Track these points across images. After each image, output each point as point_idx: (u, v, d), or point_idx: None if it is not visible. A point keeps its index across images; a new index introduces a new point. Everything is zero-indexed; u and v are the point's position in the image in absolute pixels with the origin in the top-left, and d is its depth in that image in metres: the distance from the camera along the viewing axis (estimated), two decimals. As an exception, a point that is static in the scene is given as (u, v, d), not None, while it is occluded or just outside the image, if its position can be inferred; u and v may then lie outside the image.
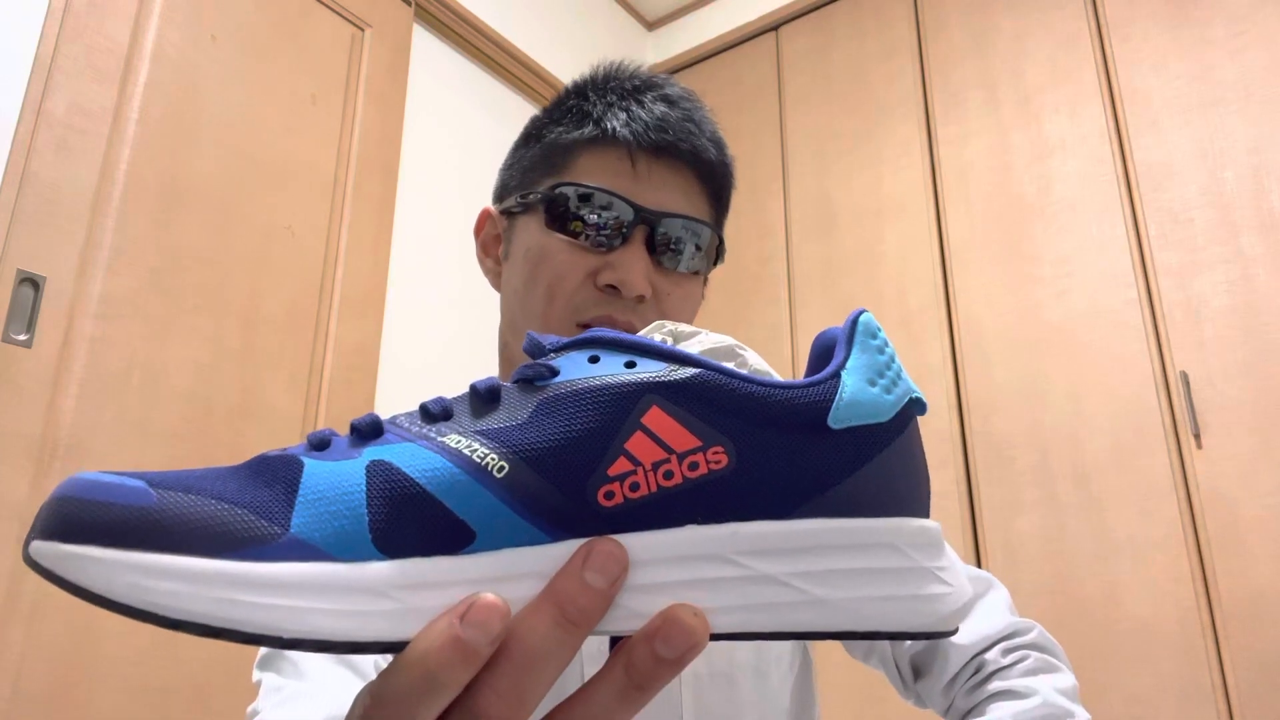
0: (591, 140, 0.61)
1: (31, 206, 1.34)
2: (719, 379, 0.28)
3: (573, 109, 0.64)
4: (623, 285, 0.58)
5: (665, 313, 0.61)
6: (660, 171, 0.61)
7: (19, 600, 1.24)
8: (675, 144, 0.60)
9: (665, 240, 0.60)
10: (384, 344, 1.85)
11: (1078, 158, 1.96)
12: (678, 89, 0.64)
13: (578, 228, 0.59)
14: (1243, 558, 1.59)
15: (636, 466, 0.26)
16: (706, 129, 0.64)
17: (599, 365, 0.28)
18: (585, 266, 0.59)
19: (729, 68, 2.68)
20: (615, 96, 0.62)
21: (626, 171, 0.60)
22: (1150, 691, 1.61)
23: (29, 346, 1.30)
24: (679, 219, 0.60)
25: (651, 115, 0.61)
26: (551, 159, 0.63)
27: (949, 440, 1.96)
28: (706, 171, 0.63)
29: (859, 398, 0.29)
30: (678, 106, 0.63)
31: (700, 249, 0.62)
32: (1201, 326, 1.73)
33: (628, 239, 0.59)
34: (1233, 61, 1.82)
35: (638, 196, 0.60)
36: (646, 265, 0.59)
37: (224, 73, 1.65)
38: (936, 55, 2.23)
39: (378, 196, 1.90)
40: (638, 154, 0.60)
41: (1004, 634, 0.64)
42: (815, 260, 2.30)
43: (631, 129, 0.60)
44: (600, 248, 0.59)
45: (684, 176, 0.62)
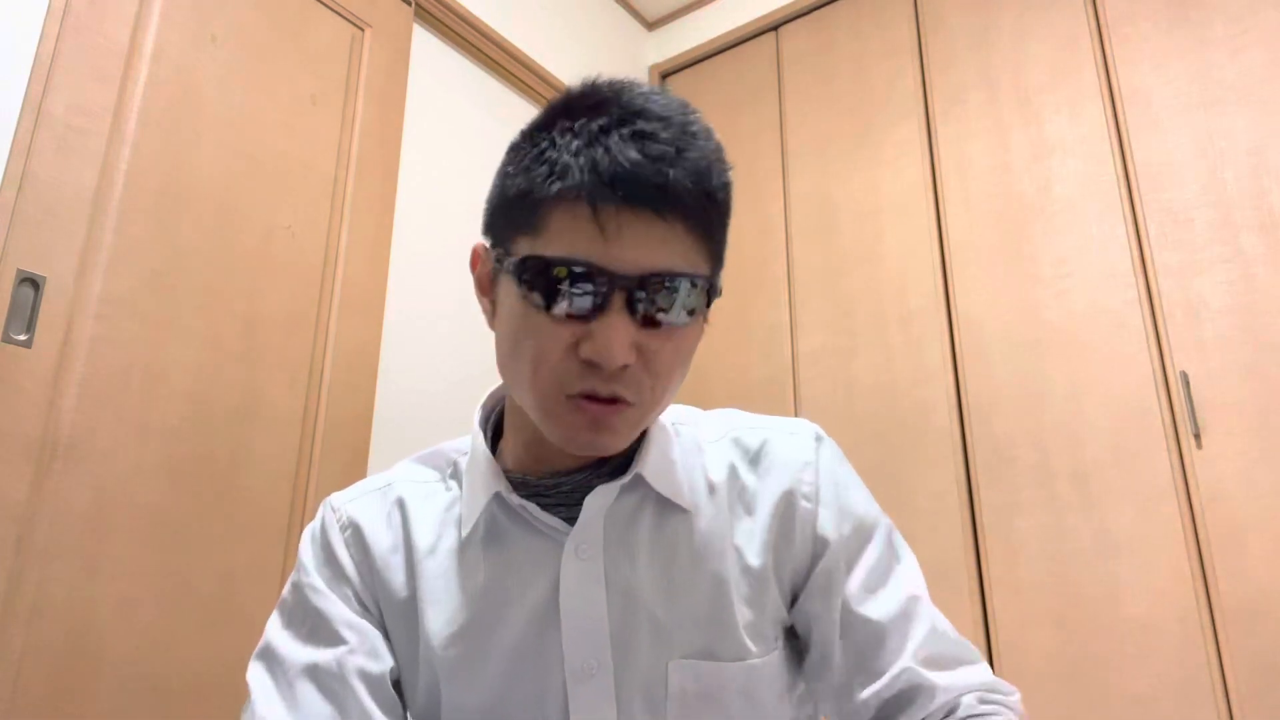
0: (558, 197, 0.55)
1: (31, 206, 1.34)
2: None
3: (539, 156, 0.57)
4: (601, 360, 0.54)
5: (655, 372, 0.58)
6: (634, 226, 0.54)
7: (19, 600, 1.24)
8: (648, 195, 0.54)
9: (647, 302, 0.55)
10: (384, 344, 1.85)
11: (1078, 158, 1.96)
12: (656, 118, 0.56)
13: (552, 300, 0.55)
14: (1243, 558, 1.59)
15: None
16: (689, 161, 0.56)
17: None
18: (566, 338, 0.55)
19: (729, 68, 2.68)
20: (581, 142, 0.55)
21: (596, 236, 0.54)
22: (1150, 691, 1.61)
23: (29, 346, 1.30)
24: (661, 278, 0.55)
25: (618, 164, 0.53)
26: (521, 215, 0.58)
27: (949, 440, 1.96)
28: (688, 215, 0.56)
29: None
30: (654, 142, 0.55)
31: (691, 302, 0.57)
32: (1201, 326, 1.73)
33: (605, 307, 0.54)
34: (1233, 61, 1.82)
35: (610, 260, 0.54)
36: (626, 332, 0.55)
37: (224, 73, 1.65)
38: (936, 55, 2.23)
39: (378, 196, 1.90)
40: (604, 211, 0.54)
41: (985, 687, 0.64)
42: (815, 260, 2.30)
43: (596, 183, 0.54)
44: (579, 318, 0.55)
45: (661, 227, 0.55)
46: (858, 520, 0.68)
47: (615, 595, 0.62)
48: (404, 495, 0.69)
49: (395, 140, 1.97)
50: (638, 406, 0.58)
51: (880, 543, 0.69)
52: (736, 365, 2.34)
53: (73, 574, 1.29)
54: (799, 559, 0.66)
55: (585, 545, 0.63)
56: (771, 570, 0.65)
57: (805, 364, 2.23)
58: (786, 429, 0.71)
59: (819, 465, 0.69)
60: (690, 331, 0.59)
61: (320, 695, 0.60)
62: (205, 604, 1.44)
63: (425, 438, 1.81)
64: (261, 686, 0.62)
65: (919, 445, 2.00)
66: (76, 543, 1.31)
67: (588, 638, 0.61)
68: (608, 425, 0.58)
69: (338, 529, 0.68)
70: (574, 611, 0.61)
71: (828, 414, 2.15)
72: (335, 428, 1.69)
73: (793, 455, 0.69)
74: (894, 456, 2.02)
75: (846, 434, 2.10)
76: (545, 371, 0.57)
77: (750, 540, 0.66)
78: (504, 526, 0.65)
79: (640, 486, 0.65)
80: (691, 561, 0.64)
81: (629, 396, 0.57)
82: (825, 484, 0.68)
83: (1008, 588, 1.81)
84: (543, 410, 0.59)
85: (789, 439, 0.70)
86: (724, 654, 0.62)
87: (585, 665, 0.61)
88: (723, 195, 0.59)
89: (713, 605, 0.63)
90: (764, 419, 0.73)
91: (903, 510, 1.97)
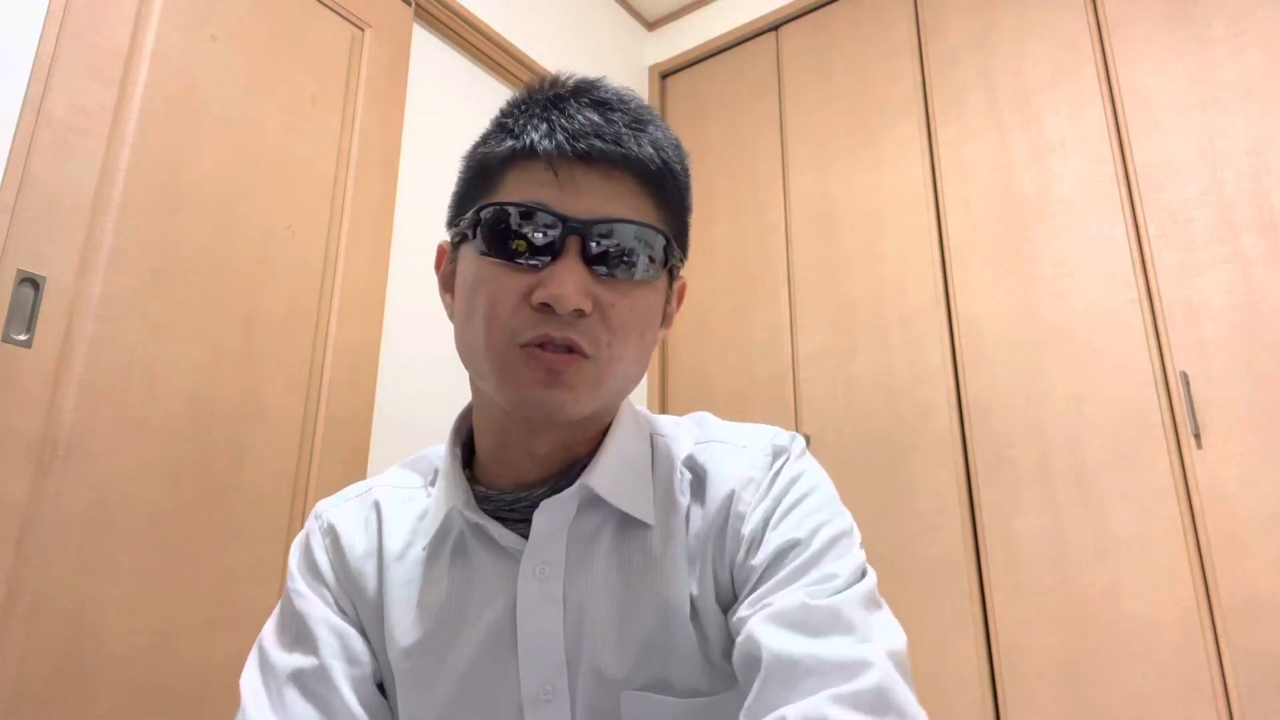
0: (513, 155, 0.58)
1: (31, 206, 1.34)
2: None
3: (499, 127, 0.61)
4: (554, 301, 0.54)
5: (612, 326, 0.57)
6: (589, 178, 0.57)
7: (19, 600, 1.24)
8: (601, 149, 0.56)
9: (601, 248, 0.56)
10: (384, 344, 1.85)
11: (1078, 158, 1.96)
12: (614, 92, 0.60)
13: (509, 248, 0.56)
14: (1243, 557, 1.59)
15: None
16: (650, 133, 0.59)
17: None
18: (519, 288, 0.56)
19: (729, 68, 2.68)
20: (538, 108, 0.59)
21: (550, 181, 0.56)
22: (1150, 691, 1.61)
23: (29, 346, 1.30)
24: (615, 224, 0.56)
25: (574, 123, 0.57)
26: (480, 181, 0.60)
27: (949, 440, 1.96)
28: (643, 174, 0.58)
29: None
30: (612, 109, 0.58)
31: (647, 253, 0.58)
32: (1201, 326, 1.73)
33: (560, 253, 0.55)
34: (1233, 61, 1.82)
35: (565, 206, 0.56)
36: (582, 278, 0.55)
37: (224, 73, 1.65)
38: (936, 55, 2.23)
39: (378, 196, 1.90)
40: (559, 163, 0.56)
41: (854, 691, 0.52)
42: (815, 260, 2.30)
43: (553, 139, 0.56)
44: (535, 266, 0.56)
45: (618, 182, 0.57)
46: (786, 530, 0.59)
47: (572, 617, 0.59)
48: (381, 499, 0.69)
49: (395, 140, 1.97)
50: (594, 361, 0.57)
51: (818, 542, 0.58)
52: (736, 365, 2.34)
53: (73, 574, 1.29)
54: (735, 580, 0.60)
55: (545, 565, 0.60)
56: (713, 597, 0.60)
57: (805, 364, 2.23)
58: (741, 441, 0.65)
59: (768, 484, 0.62)
60: (647, 295, 0.59)
61: (306, 700, 0.60)
62: (205, 604, 1.44)
63: (425, 438, 1.81)
64: (253, 692, 0.63)
65: (919, 445, 2.00)
66: (76, 543, 1.31)
67: (543, 662, 0.59)
68: (563, 380, 0.56)
69: (319, 535, 0.68)
70: (530, 634, 0.59)
71: (828, 414, 2.15)
72: (335, 428, 1.69)
73: (737, 472, 0.63)
74: (894, 456, 2.02)
75: (846, 434, 2.10)
76: (498, 324, 0.56)
77: (694, 570, 0.61)
78: (469, 541, 0.63)
79: (600, 504, 0.62)
80: (645, 581, 0.60)
81: (585, 346, 0.56)
82: (766, 505, 0.61)
83: (1008, 588, 1.81)
84: (497, 367, 0.57)
85: (738, 454, 0.64)
86: (677, 688, 0.59)
87: (541, 690, 0.58)
88: (680, 172, 0.61)
89: (662, 631, 0.59)
90: (726, 430, 0.68)
91: (903, 510, 1.97)
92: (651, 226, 0.58)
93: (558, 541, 0.61)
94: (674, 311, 0.67)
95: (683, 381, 2.44)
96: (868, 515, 1.95)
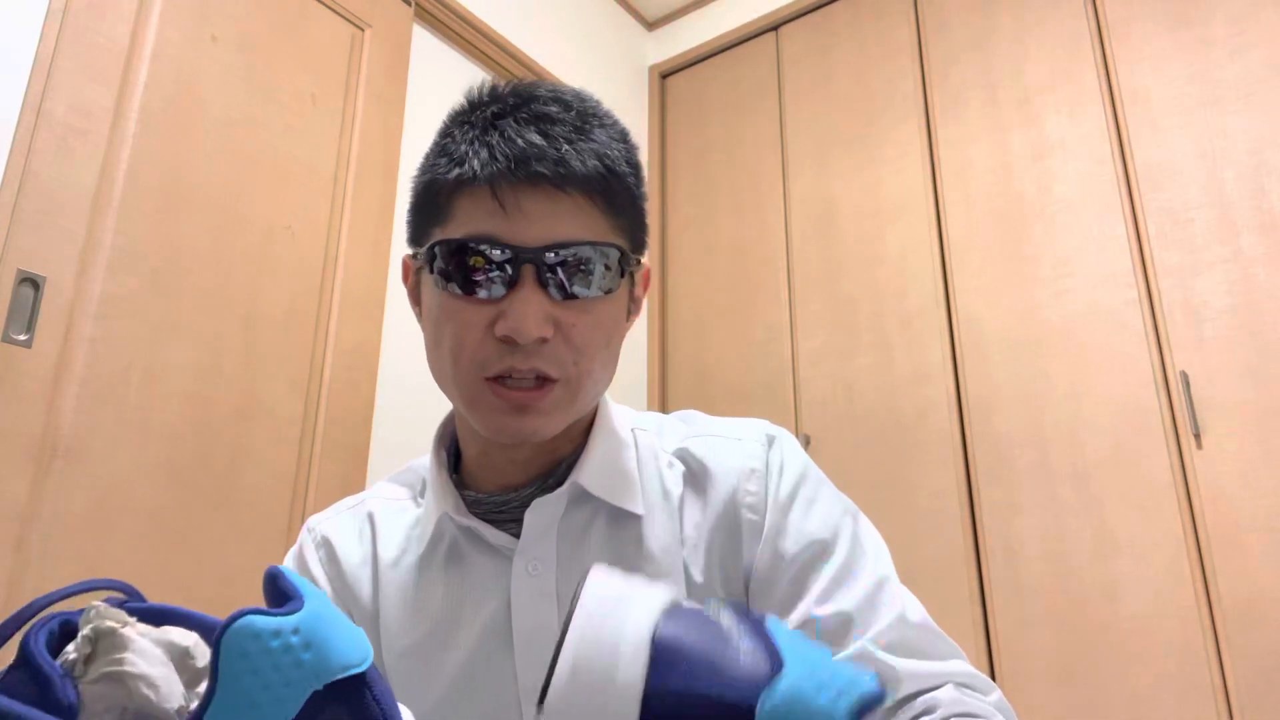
0: (458, 184, 0.57)
1: (31, 206, 1.34)
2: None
3: (442, 150, 0.60)
4: (516, 334, 0.55)
5: (575, 345, 0.57)
6: (534, 202, 0.56)
7: (19, 600, 1.23)
8: (543, 172, 0.56)
9: (556, 273, 0.56)
10: (384, 344, 1.85)
11: (1078, 158, 1.96)
12: (554, 98, 0.59)
13: (465, 282, 0.56)
14: (1243, 558, 1.59)
15: None
16: (596, 138, 0.58)
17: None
18: (482, 320, 0.56)
19: (729, 68, 2.68)
20: (478, 130, 0.58)
21: (498, 211, 0.56)
22: (1150, 691, 1.61)
23: (29, 346, 1.30)
24: (566, 247, 0.56)
25: (514, 146, 0.56)
26: (431, 208, 0.60)
27: (949, 440, 1.96)
28: (589, 188, 0.57)
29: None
30: (554, 123, 0.57)
31: (601, 269, 0.58)
32: (1201, 326, 1.73)
33: (515, 283, 0.55)
34: (1233, 61, 1.82)
35: (515, 235, 0.56)
36: (540, 306, 0.55)
37: (224, 73, 1.65)
38: (936, 55, 2.23)
39: (378, 196, 1.90)
40: (503, 191, 0.56)
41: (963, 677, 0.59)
42: (815, 260, 2.30)
43: (494, 167, 0.56)
44: (492, 297, 0.56)
45: (566, 200, 0.57)
46: (815, 526, 0.63)
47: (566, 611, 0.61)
48: (374, 510, 0.70)
49: (395, 140, 1.97)
50: (563, 383, 0.58)
51: (843, 548, 0.63)
52: (736, 365, 2.34)
53: (73, 574, 1.29)
54: (752, 577, 0.62)
55: (536, 561, 0.61)
56: (720, 586, 0.62)
57: (805, 364, 2.23)
58: (734, 434, 0.67)
59: (767, 474, 0.64)
60: (607, 306, 0.60)
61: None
62: (205, 604, 1.44)
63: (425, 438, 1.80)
64: None
65: (919, 445, 2.00)
66: (76, 543, 1.31)
67: (540, 656, 0.59)
68: (533, 407, 0.57)
69: (313, 547, 0.69)
70: (525, 630, 0.60)
71: (828, 414, 2.15)
72: (335, 428, 1.69)
73: (736, 463, 0.64)
74: (894, 456, 2.02)
75: (846, 434, 2.10)
76: (465, 357, 0.57)
77: (695, 557, 0.62)
78: (461, 545, 0.64)
79: (589, 499, 0.63)
80: (642, 570, 0.61)
81: (551, 371, 0.57)
82: (773, 494, 0.63)
83: (1008, 588, 1.81)
84: (466, 399, 0.59)
85: (734, 446, 0.66)
86: None
87: (538, 684, 0.59)
88: (629, 174, 0.61)
89: None
90: (717, 424, 0.69)
91: (903, 510, 1.97)
92: (603, 243, 0.58)
93: (549, 538, 0.62)
94: (640, 297, 0.67)
95: (683, 381, 2.44)
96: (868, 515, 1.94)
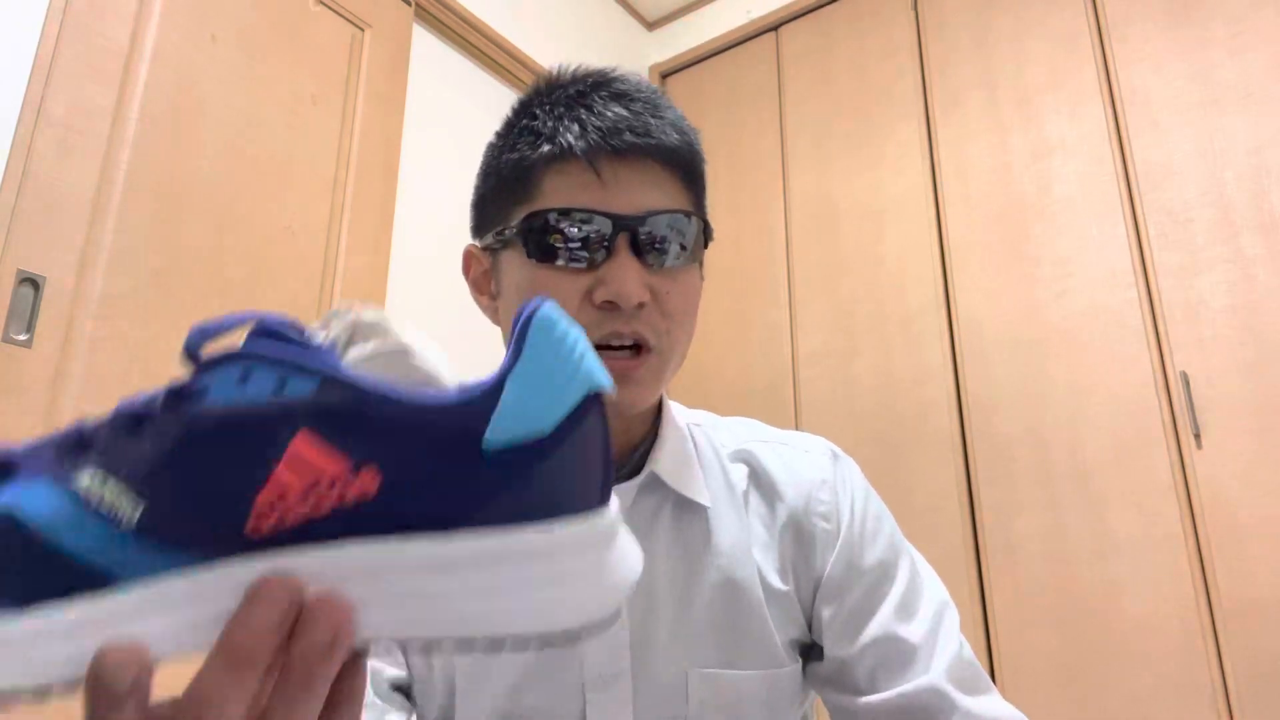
0: (550, 159, 0.59)
1: (31, 206, 1.34)
2: (369, 401, 0.27)
3: (525, 130, 0.61)
4: (619, 299, 0.57)
5: (669, 311, 0.60)
6: (627, 173, 0.59)
7: (19, 600, 1.24)
8: (636, 143, 0.58)
9: (650, 240, 0.58)
10: (384, 344, 1.85)
11: (1078, 158, 1.96)
12: (630, 81, 0.62)
13: (561, 252, 0.58)
14: (1242, 557, 1.59)
15: (284, 495, 0.26)
16: (668, 116, 0.61)
17: (249, 386, 0.27)
18: (579, 289, 0.58)
19: (729, 68, 2.68)
20: (563, 108, 0.60)
21: (594, 183, 0.58)
22: (1150, 691, 1.61)
23: (29, 346, 1.30)
24: (660, 215, 0.59)
25: (605, 119, 0.59)
26: (516, 187, 0.61)
27: (949, 440, 1.96)
28: (674, 159, 0.61)
29: (518, 413, 0.27)
30: (633, 100, 0.60)
31: (688, 238, 0.61)
32: (1201, 326, 1.73)
33: (612, 250, 0.57)
34: (1233, 61, 1.82)
35: (611, 205, 0.58)
36: (638, 272, 0.58)
37: (224, 73, 1.65)
38: (936, 55, 2.23)
39: (378, 196, 1.90)
40: (600, 162, 0.58)
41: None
42: (815, 260, 2.30)
43: (588, 139, 0.58)
44: (588, 266, 0.58)
45: (652, 171, 0.60)
46: (884, 545, 0.67)
47: (635, 599, 0.61)
48: None
49: (395, 140, 1.97)
50: (657, 352, 0.60)
51: (906, 564, 0.67)
52: (736, 365, 2.34)
53: (73, 574, 1.29)
54: (824, 583, 0.64)
55: None
56: (794, 593, 0.64)
57: (805, 364, 2.23)
58: (801, 446, 0.70)
59: (836, 485, 0.68)
60: (693, 275, 0.63)
61: None
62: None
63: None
64: None
65: (919, 445, 2.00)
66: (76, 543, 1.30)
67: (606, 644, 0.60)
68: (630, 377, 0.59)
69: None
70: None
71: (828, 414, 2.15)
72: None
73: (807, 474, 0.68)
74: (894, 456, 2.02)
75: (846, 434, 2.10)
76: None
77: (767, 558, 0.65)
78: None
79: (658, 487, 0.64)
80: (710, 561, 0.63)
81: (650, 338, 0.59)
82: (845, 505, 0.67)
83: (1008, 588, 1.81)
84: None
85: (803, 457, 0.69)
86: (747, 662, 0.62)
87: (603, 673, 0.60)
88: (698, 147, 0.64)
89: (729, 610, 0.62)
90: (780, 434, 0.72)
91: (903, 510, 1.95)
92: (689, 212, 0.61)
93: None
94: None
95: (682, 381, 2.44)
96: (868, 515, 1.94)
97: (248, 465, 0.26)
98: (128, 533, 0.26)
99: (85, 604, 0.25)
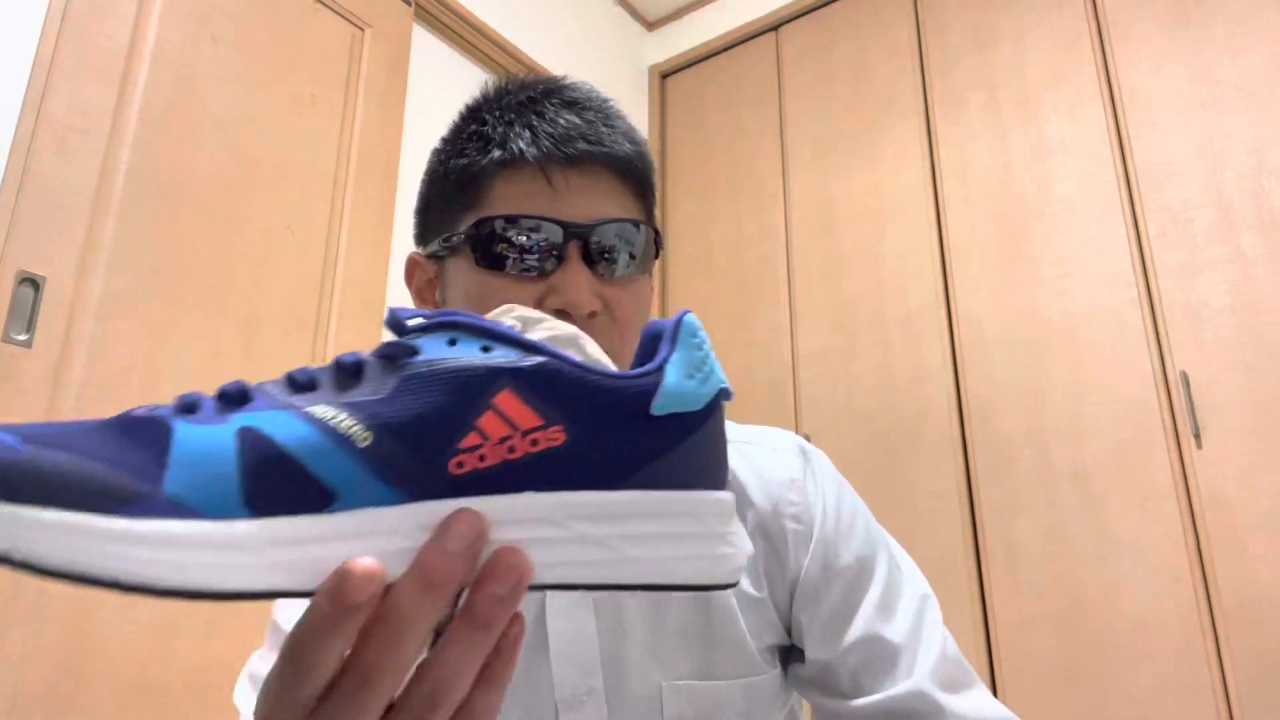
0: (500, 165, 0.58)
1: (31, 206, 1.34)
2: (562, 367, 0.31)
3: (473, 135, 0.60)
4: (571, 307, 0.55)
5: (619, 320, 0.58)
6: (579, 181, 0.58)
7: (19, 600, 1.23)
8: (589, 151, 0.58)
9: (601, 249, 0.57)
10: (384, 344, 1.85)
11: (1078, 158, 1.96)
12: (581, 90, 0.62)
13: (511, 260, 0.56)
14: (1242, 558, 1.59)
15: (485, 440, 0.30)
16: (619, 125, 0.61)
17: (457, 348, 0.31)
18: (529, 297, 0.56)
19: (729, 68, 2.68)
20: (513, 114, 0.59)
21: (545, 190, 0.57)
22: (1150, 691, 1.61)
23: (29, 346, 1.30)
24: (611, 225, 0.58)
25: (557, 126, 0.58)
26: (464, 193, 0.60)
27: (949, 440, 1.96)
28: (626, 169, 0.60)
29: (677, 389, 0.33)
30: (585, 108, 0.60)
31: (638, 248, 0.60)
32: (1201, 326, 1.73)
33: (564, 259, 0.56)
34: (1233, 61, 1.82)
35: (562, 212, 0.57)
36: (589, 280, 0.56)
37: (224, 73, 1.65)
38: (936, 55, 2.23)
39: (378, 196, 1.90)
40: (552, 169, 0.57)
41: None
42: (815, 260, 2.30)
43: (540, 145, 0.57)
44: (539, 274, 0.56)
45: (604, 180, 0.59)
46: (860, 540, 0.64)
47: (604, 614, 0.60)
48: None
49: (395, 140, 1.97)
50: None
51: (884, 557, 0.65)
52: (737, 366, 2.34)
53: (73, 574, 1.29)
54: (801, 585, 0.63)
55: None
56: (769, 599, 0.62)
57: (805, 364, 2.23)
58: (769, 444, 0.68)
59: (806, 484, 0.65)
60: (643, 285, 0.62)
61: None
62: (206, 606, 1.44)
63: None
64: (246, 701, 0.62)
65: (919, 445, 2.00)
66: (76, 543, 1.30)
67: (577, 662, 0.59)
68: None
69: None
70: (561, 634, 0.59)
71: (828, 414, 2.15)
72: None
73: (775, 475, 0.65)
74: (894, 456, 2.02)
75: (846, 434, 2.10)
76: None
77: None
78: None
79: None
80: None
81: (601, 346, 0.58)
82: (816, 504, 0.64)
83: (1008, 588, 1.81)
84: None
85: (770, 456, 0.67)
86: (723, 672, 0.60)
87: (576, 691, 0.58)
88: (650, 160, 0.64)
89: (701, 620, 0.61)
90: (746, 432, 0.69)
91: (903, 510, 1.97)
92: (640, 221, 0.61)
93: None
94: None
95: (683, 381, 2.43)
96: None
97: (456, 413, 0.30)
98: (358, 460, 0.29)
99: (314, 520, 0.28)
